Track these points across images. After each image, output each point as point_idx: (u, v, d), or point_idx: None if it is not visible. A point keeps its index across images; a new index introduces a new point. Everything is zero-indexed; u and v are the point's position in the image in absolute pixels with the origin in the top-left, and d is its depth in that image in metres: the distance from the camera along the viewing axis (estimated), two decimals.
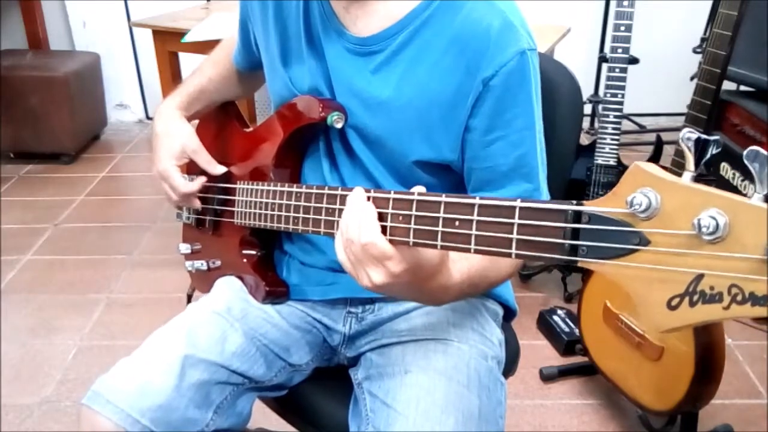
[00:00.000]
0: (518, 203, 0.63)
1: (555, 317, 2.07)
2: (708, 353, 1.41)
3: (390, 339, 1.01)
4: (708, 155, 0.53)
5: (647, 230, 0.53)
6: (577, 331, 1.85)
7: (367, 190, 0.76)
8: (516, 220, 0.63)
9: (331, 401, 1.06)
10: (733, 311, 0.48)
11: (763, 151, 0.48)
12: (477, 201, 0.66)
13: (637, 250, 0.53)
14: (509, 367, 1.10)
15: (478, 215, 0.66)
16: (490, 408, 0.92)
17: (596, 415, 1.77)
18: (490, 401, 0.93)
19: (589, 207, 0.57)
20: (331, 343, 1.09)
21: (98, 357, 2.02)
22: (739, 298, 0.48)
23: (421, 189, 0.73)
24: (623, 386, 1.60)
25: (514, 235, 0.63)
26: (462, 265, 0.82)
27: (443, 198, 0.69)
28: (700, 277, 0.50)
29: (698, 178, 0.53)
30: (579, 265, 0.58)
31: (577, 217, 0.58)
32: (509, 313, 1.13)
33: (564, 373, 1.90)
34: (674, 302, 0.51)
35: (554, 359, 1.97)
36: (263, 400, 1.11)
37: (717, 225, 0.48)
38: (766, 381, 1.87)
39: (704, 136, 0.53)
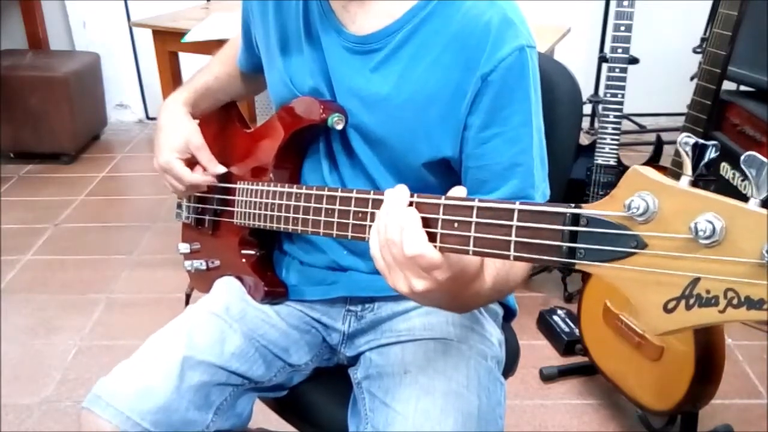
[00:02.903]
0: (517, 206, 0.63)
1: (555, 317, 2.07)
2: (708, 353, 1.40)
3: (389, 339, 1.01)
4: (705, 160, 0.53)
5: (644, 234, 0.53)
6: (577, 331, 1.85)
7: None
8: (515, 223, 0.62)
9: (331, 401, 1.06)
10: (729, 315, 0.49)
11: (760, 156, 0.48)
12: (476, 203, 0.66)
13: (634, 253, 0.54)
14: (509, 367, 1.10)
15: (477, 217, 0.66)
16: (489, 408, 0.92)
17: (596, 415, 1.77)
18: (490, 401, 0.93)
19: (587, 210, 0.57)
20: (330, 343, 1.09)
21: (98, 357, 2.02)
22: (735, 301, 0.48)
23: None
24: (623, 386, 1.60)
25: (513, 238, 0.63)
26: (491, 270, 0.79)
27: (442, 200, 0.69)
28: (697, 280, 0.50)
29: (698, 178, 0.53)
30: (577, 268, 0.58)
31: (575, 220, 0.58)
32: (509, 313, 1.13)
33: (564, 373, 1.90)
34: (671, 305, 0.51)
35: (554, 359, 1.97)
36: (263, 400, 1.11)
37: (713, 229, 0.48)
38: (766, 381, 1.87)
39: (702, 141, 0.53)
